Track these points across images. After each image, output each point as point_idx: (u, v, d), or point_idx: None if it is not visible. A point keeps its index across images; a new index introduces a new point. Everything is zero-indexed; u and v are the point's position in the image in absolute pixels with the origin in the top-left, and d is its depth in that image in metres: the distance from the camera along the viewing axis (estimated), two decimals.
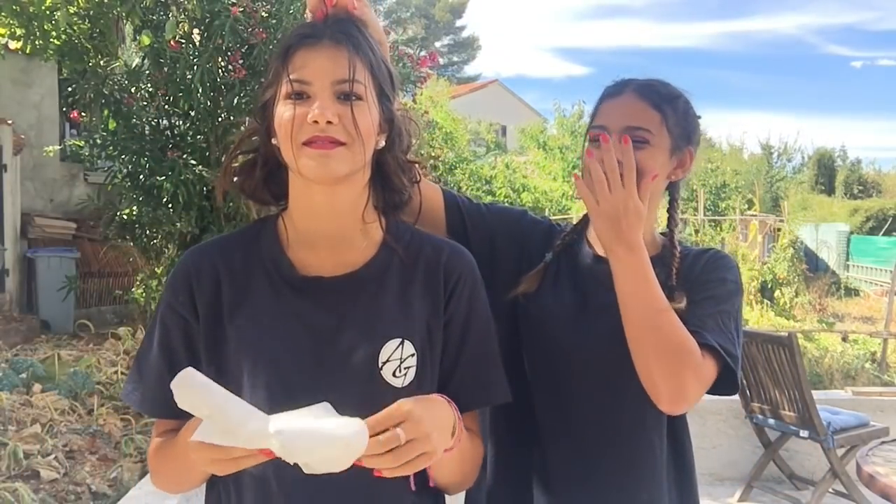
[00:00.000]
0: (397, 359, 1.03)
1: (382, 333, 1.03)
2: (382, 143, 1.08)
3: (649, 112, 1.25)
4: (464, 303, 1.10)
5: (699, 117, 1.34)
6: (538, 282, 1.30)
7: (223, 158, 1.17)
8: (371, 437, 0.86)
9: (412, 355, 1.03)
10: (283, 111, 1.01)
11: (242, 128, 1.25)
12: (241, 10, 4.96)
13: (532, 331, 1.27)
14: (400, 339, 1.03)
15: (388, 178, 1.11)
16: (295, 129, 0.99)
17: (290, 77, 1.01)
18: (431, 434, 0.89)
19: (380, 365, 1.03)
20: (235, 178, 1.13)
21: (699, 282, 1.26)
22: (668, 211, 1.36)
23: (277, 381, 1.02)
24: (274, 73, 1.05)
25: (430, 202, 1.28)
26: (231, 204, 4.93)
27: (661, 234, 1.38)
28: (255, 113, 1.11)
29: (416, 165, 1.17)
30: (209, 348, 1.06)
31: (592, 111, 1.31)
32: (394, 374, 1.03)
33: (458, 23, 40.83)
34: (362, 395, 1.02)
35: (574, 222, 1.41)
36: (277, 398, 0.99)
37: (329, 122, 0.98)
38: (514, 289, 1.29)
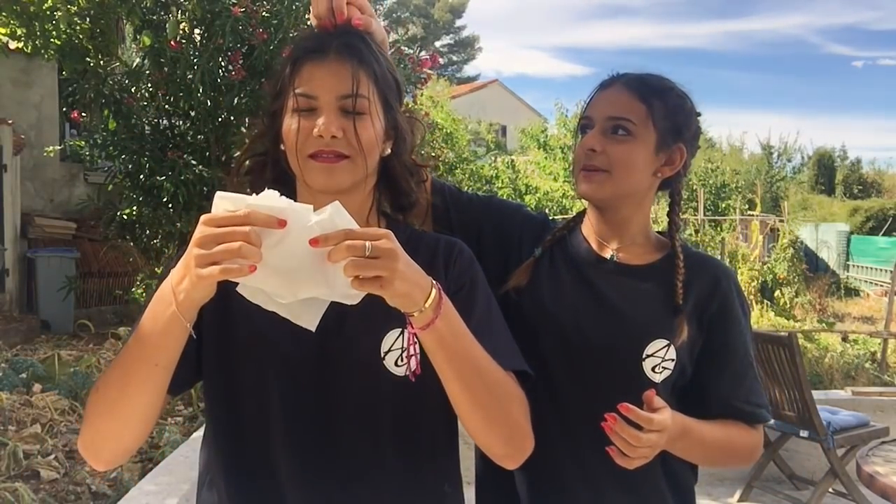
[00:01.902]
0: (398, 348, 1.05)
1: (383, 324, 1.04)
2: (388, 151, 1.11)
3: (634, 103, 1.24)
4: (465, 272, 1.12)
5: (699, 114, 1.31)
6: (528, 276, 1.29)
7: (224, 158, 1.18)
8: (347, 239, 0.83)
9: (413, 343, 1.03)
10: (290, 123, 1.04)
11: (243, 128, 1.26)
12: (242, 10, 4.96)
13: (529, 327, 1.24)
14: (400, 329, 1.04)
15: (396, 182, 1.14)
16: (301, 142, 1.03)
17: (297, 91, 1.04)
18: (398, 266, 0.85)
19: (382, 355, 1.05)
20: (246, 177, 1.16)
21: (719, 331, 1.27)
22: (668, 215, 1.34)
23: (283, 371, 1.06)
24: (281, 85, 1.07)
25: None
26: None
27: (660, 233, 1.37)
28: (263, 120, 1.14)
29: (423, 168, 1.19)
30: (215, 326, 1.08)
31: (585, 103, 1.32)
32: (396, 364, 1.05)
33: (458, 23, 40.87)
34: (365, 384, 1.05)
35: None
36: (284, 388, 1.05)
37: (334, 137, 1.01)
38: (504, 283, 1.28)
